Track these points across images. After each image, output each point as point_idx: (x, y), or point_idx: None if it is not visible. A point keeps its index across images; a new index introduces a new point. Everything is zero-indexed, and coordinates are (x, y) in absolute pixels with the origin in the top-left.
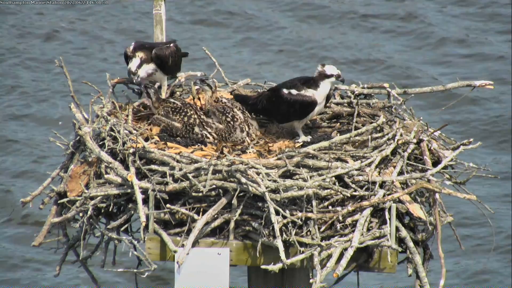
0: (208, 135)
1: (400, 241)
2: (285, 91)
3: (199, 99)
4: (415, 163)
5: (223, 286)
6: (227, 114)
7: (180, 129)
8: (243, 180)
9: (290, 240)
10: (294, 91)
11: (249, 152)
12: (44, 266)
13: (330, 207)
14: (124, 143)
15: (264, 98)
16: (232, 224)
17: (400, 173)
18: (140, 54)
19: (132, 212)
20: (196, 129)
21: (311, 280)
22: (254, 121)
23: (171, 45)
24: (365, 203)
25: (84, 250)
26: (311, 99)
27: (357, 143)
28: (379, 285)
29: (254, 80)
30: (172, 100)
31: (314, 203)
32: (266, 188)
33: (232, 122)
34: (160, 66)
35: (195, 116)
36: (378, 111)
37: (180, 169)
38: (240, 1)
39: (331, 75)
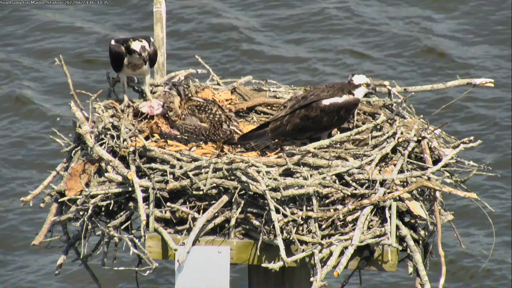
0: (236, 130)
1: (401, 239)
2: (327, 102)
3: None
4: (415, 161)
5: (223, 285)
6: (207, 111)
7: (208, 129)
8: (244, 178)
9: (291, 238)
10: (337, 99)
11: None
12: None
13: (330, 206)
14: (124, 141)
15: (295, 118)
16: (232, 222)
17: (401, 171)
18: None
19: (133, 210)
20: (225, 126)
21: (311, 279)
22: (231, 113)
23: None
24: (365, 201)
25: (84, 249)
26: (356, 99)
27: (357, 142)
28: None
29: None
30: (195, 98)
31: (314, 201)
32: (267, 186)
33: (216, 117)
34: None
35: (220, 112)
36: (379, 109)
37: (181, 167)
38: None
39: (359, 85)
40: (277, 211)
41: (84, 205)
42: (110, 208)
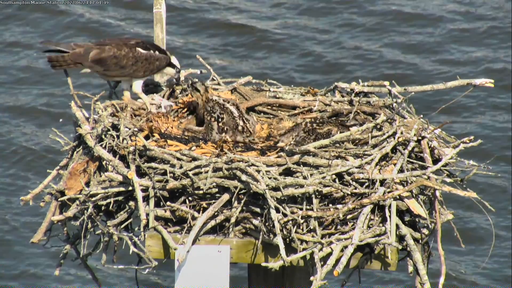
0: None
1: (401, 238)
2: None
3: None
4: (415, 161)
5: (223, 284)
6: (212, 114)
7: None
8: (244, 177)
9: (291, 237)
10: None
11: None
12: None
13: (330, 205)
14: (123, 140)
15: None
16: (232, 221)
17: (401, 170)
18: None
19: (133, 209)
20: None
21: (311, 278)
22: (250, 116)
23: None
24: (365, 200)
25: (84, 248)
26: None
27: (357, 141)
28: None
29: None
30: (214, 98)
31: (314, 200)
32: (267, 185)
33: (210, 124)
34: None
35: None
36: (378, 109)
37: (181, 167)
38: None
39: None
40: (277, 210)
41: (84, 204)
42: (110, 207)
